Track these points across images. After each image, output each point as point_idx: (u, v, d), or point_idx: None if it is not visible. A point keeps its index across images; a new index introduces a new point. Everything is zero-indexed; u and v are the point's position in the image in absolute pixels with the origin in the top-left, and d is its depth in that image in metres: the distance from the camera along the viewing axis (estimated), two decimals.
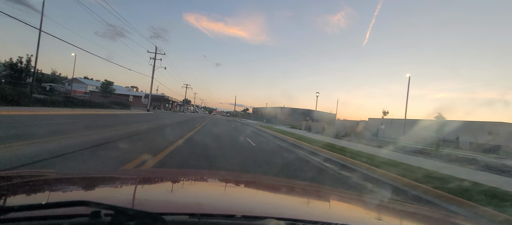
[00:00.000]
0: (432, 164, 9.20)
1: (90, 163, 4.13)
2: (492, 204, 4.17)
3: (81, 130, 8.06)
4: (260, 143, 11.51)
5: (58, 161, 3.97)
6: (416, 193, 5.01)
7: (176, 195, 1.07)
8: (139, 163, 4.49)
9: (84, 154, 4.67)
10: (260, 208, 0.99)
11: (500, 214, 3.77)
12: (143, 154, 5.17)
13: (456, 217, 1.28)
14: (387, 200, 1.43)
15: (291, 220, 0.72)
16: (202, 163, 5.45)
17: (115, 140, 6.72)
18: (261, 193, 1.37)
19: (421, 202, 4.36)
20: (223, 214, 0.75)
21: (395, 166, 7.30)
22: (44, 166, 3.60)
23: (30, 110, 12.38)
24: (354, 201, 1.40)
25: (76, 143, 5.54)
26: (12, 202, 0.76)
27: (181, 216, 0.68)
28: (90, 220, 0.60)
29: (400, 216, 1.18)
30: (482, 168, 9.43)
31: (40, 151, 4.43)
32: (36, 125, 8.25)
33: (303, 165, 7.16)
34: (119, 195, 1.02)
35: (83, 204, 0.59)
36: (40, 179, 1.13)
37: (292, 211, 1.02)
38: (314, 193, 1.51)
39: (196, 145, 7.85)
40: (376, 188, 5.38)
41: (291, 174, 5.67)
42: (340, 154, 9.12)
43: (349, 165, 7.70)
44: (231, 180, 1.65)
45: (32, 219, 0.60)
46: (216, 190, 1.32)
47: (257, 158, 7.28)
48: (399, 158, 9.97)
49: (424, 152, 13.93)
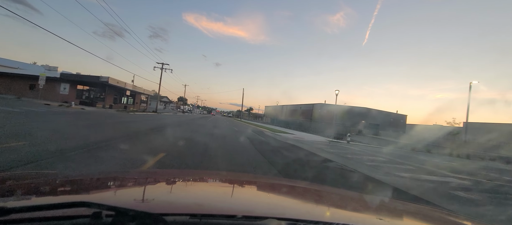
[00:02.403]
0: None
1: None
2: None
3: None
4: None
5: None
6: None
7: (177, 195, 1.07)
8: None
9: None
10: (261, 208, 0.99)
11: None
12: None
13: (458, 217, 1.28)
14: (388, 200, 1.43)
15: (292, 220, 0.72)
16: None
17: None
18: (262, 193, 1.37)
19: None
20: (224, 215, 0.75)
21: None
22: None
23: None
24: (355, 201, 1.41)
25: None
26: (13, 203, 0.76)
27: (182, 216, 0.68)
28: (91, 221, 0.60)
29: (402, 216, 1.18)
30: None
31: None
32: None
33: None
34: (120, 195, 1.02)
35: (84, 205, 0.59)
36: (41, 180, 1.13)
37: (293, 211, 1.02)
38: (315, 193, 1.52)
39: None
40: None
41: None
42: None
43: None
44: (231, 181, 1.65)
45: (34, 220, 0.60)
46: (217, 191, 1.33)
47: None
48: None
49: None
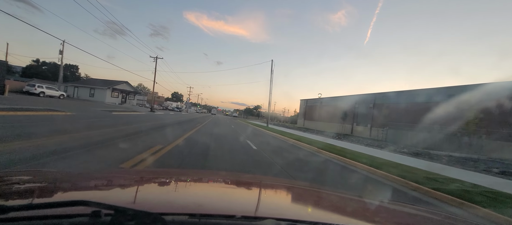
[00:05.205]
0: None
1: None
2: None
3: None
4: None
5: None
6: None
7: (176, 195, 1.07)
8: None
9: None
10: (260, 208, 0.99)
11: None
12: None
13: (457, 219, 1.28)
14: (387, 201, 1.43)
15: (291, 221, 0.72)
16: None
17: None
18: (261, 194, 1.37)
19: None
20: (223, 215, 0.75)
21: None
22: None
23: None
24: (354, 202, 1.40)
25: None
26: (12, 202, 0.76)
27: (181, 216, 0.68)
28: (91, 219, 0.60)
29: (401, 217, 1.18)
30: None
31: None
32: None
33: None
34: (119, 195, 1.02)
35: (83, 204, 0.60)
36: (40, 178, 1.13)
37: (292, 212, 1.02)
38: (314, 194, 1.51)
39: None
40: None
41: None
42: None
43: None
44: (231, 181, 1.64)
45: (33, 219, 0.60)
46: (216, 190, 1.32)
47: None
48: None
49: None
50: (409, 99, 24.57)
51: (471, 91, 18.39)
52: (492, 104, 16.36)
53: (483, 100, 16.89)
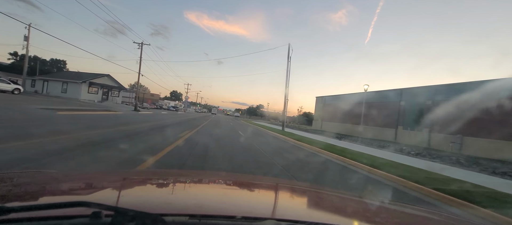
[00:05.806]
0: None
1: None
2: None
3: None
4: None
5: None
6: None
7: (176, 196, 1.06)
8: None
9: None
10: (261, 209, 0.98)
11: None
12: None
13: (458, 219, 1.31)
14: (388, 202, 1.37)
15: (292, 222, 0.72)
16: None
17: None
18: (262, 194, 1.36)
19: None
20: (223, 215, 0.75)
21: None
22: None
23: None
24: (354, 203, 1.38)
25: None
26: (12, 203, 0.76)
27: (181, 217, 0.68)
28: (91, 220, 0.59)
29: (401, 218, 1.17)
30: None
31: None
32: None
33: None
34: (120, 195, 0.99)
35: (84, 204, 0.59)
36: (40, 179, 1.13)
37: (292, 212, 1.01)
38: (315, 195, 1.51)
39: None
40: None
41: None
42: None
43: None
44: (231, 181, 1.62)
45: (33, 220, 0.59)
46: (217, 191, 1.30)
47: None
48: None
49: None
50: (499, 94, 15.74)
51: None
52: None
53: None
